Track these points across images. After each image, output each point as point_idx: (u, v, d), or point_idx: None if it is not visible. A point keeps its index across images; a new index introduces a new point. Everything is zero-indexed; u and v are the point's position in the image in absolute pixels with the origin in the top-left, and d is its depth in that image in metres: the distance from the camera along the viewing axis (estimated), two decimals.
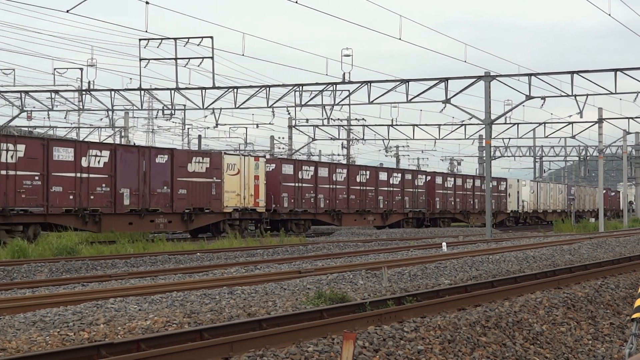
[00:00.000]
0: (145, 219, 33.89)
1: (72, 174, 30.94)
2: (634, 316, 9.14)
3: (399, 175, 52.80)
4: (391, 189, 51.28)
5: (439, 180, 57.53)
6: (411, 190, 53.45)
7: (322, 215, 44.99)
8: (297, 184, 42.85)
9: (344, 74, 38.74)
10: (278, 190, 41.52)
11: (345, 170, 47.40)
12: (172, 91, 39.93)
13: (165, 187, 34.73)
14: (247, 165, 39.05)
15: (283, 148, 68.44)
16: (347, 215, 47.13)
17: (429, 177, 56.50)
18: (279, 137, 70.91)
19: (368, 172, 49.33)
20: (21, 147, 29.29)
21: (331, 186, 45.50)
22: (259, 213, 40.11)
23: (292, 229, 42.47)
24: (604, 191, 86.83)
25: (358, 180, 48.06)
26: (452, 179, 59.97)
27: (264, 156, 41.12)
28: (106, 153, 32.34)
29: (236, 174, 38.44)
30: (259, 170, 39.74)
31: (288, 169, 42.51)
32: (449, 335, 10.23)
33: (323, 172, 45.10)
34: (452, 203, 58.94)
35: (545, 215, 74.58)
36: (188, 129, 69.55)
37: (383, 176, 50.74)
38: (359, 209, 47.98)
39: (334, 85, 40.00)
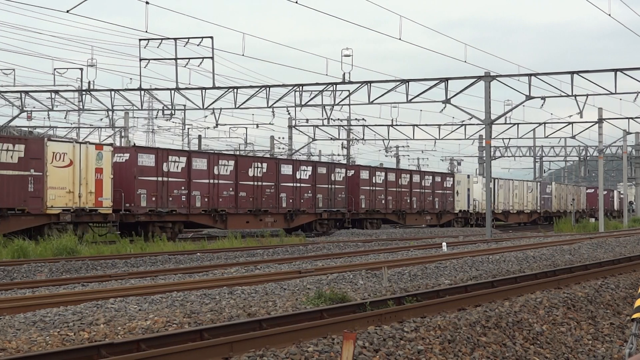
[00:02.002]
0: None
1: None
2: (634, 316, 9.13)
3: (309, 168, 44.54)
4: (298, 184, 43.21)
5: (364, 175, 49.38)
6: (326, 186, 45.30)
7: (198, 216, 37.35)
8: (160, 178, 34.95)
9: (344, 74, 38.82)
10: (132, 186, 33.78)
11: (232, 162, 39.37)
12: (172, 91, 39.97)
13: None
14: (84, 155, 31.61)
15: (283, 148, 68.47)
16: (235, 217, 39.21)
17: (351, 172, 48.79)
18: (279, 137, 70.96)
19: (265, 165, 41.38)
20: None
21: (212, 181, 37.69)
22: (103, 215, 32.59)
23: (156, 232, 34.22)
24: (593, 190, 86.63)
25: (251, 174, 40.02)
26: (383, 173, 51.61)
27: (111, 144, 34.46)
28: None
29: (67, 165, 31.09)
30: (103, 161, 32.35)
31: (147, 160, 34.62)
32: (449, 335, 10.23)
33: (200, 164, 37.34)
34: (383, 202, 50.71)
35: (506, 216, 66.91)
36: (188, 129, 69.65)
37: (287, 169, 42.70)
38: (252, 209, 40.04)
39: (334, 85, 40.04)
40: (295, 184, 43.14)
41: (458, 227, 58.12)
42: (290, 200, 42.69)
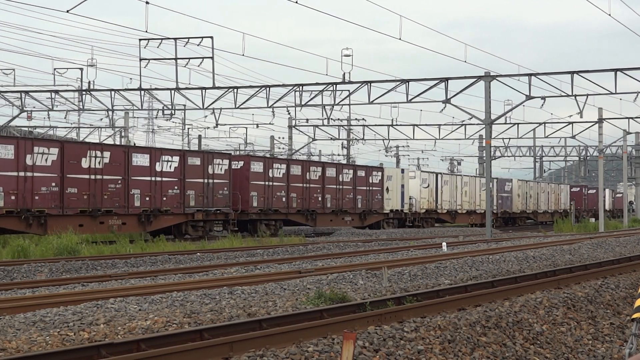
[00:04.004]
0: None
1: None
2: (634, 316, 9.14)
3: (175, 159, 36.17)
4: (159, 178, 34.98)
5: (257, 167, 41.00)
6: (200, 180, 37.11)
7: (6, 219, 29.17)
8: None
9: (344, 74, 38.86)
10: None
11: (55, 150, 30.89)
12: (172, 91, 40.01)
13: None
14: None
15: (283, 148, 68.50)
16: (61, 219, 30.71)
17: (239, 163, 40.64)
18: (279, 137, 71.00)
19: (108, 154, 32.98)
20: None
21: (22, 173, 29.55)
22: None
23: None
24: (579, 189, 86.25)
25: (86, 165, 31.90)
26: (283, 166, 43.00)
27: None
28: None
29: None
30: None
31: None
32: (449, 335, 10.23)
33: (2, 152, 28.99)
34: (284, 199, 42.46)
35: (453, 216, 59.36)
36: (188, 129, 69.69)
37: (141, 160, 34.41)
38: (87, 209, 31.84)
39: (334, 85, 40.07)
40: (153, 178, 34.90)
41: (389, 228, 50.88)
42: (147, 198, 34.50)
